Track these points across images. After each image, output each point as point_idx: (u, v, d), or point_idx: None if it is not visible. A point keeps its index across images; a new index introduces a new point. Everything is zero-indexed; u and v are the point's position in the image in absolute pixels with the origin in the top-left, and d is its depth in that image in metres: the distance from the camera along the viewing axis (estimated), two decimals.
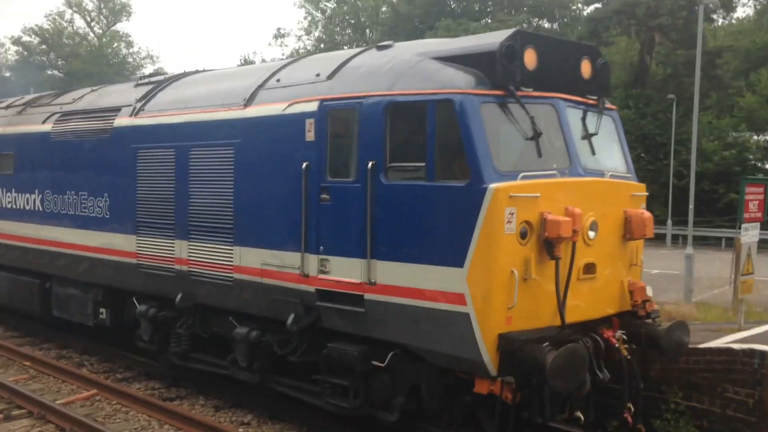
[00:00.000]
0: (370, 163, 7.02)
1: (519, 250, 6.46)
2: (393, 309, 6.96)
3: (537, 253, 6.58)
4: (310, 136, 7.58)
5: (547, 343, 6.33)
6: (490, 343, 6.37)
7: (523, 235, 6.47)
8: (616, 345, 7.10)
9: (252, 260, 8.21)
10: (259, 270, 8.12)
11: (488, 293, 6.36)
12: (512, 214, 6.38)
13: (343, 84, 7.55)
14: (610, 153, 7.68)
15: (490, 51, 6.68)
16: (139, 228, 9.76)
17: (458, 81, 6.70)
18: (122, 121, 10.22)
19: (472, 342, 6.41)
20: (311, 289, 7.59)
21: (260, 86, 8.52)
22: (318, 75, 7.89)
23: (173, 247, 9.28)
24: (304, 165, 7.55)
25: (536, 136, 6.73)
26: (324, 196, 7.43)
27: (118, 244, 10.07)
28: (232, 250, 8.47)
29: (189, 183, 9.07)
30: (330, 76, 7.75)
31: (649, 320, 7.42)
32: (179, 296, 9.17)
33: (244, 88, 8.69)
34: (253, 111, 8.34)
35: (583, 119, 7.36)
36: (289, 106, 7.87)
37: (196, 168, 9.00)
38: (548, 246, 6.53)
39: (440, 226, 6.67)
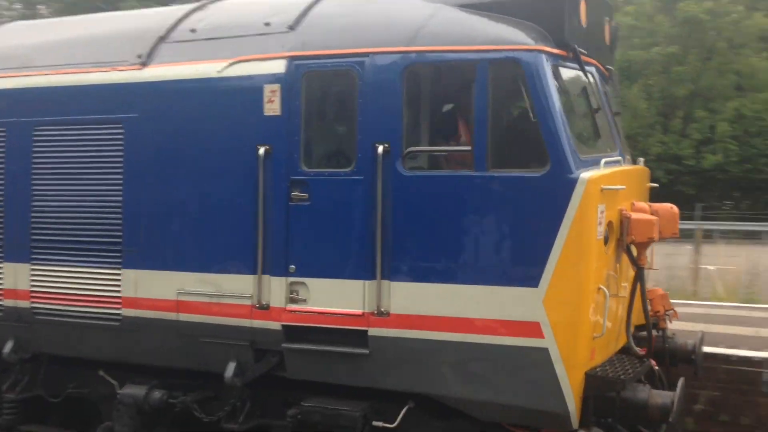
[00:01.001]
0: (380, 147, 4.98)
1: (605, 260, 4.94)
2: (418, 347, 5.00)
3: (614, 263, 5.12)
4: (271, 108, 5.32)
5: (646, 383, 4.92)
6: (576, 385, 4.75)
7: (605, 240, 4.96)
8: (656, 368, 5.91)
9: (160, 289, 5.68)
10: (173, 303, 5.61)
11: (577, 319, 4.72)
12: (602, 213, 4.83)
13: (323, 35, 5.38)
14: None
15: None
16: None
17: (519, 36, 4.94)
18: None
19: (553, 386, 4.72)
20: (274, 325, 5.31)
21: (162, 38, 5.95)
22: (268, 24, 5.60)
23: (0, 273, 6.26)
24: (262, 150, 5.29)
25: (597, 110, 5.29)
26: (297, 193, 5.24)
27: None
28: (119, 274, 5.81)
29: (32, 179, 6.18)
30: (294, 25, 5.50)
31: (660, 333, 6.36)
32: (9, 345, 6.23)
33: (135, 39, 6.04)
34: (159, 73, 5.76)
35: (606, 94, 6.05)
36: (231, 66, 5.49)
37: (45, 156, 6.15)
38: (631, 252, 5.11)
39: (501, 231, 4.86)
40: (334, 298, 5.19)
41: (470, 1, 5.26)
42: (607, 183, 4.83)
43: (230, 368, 5.43)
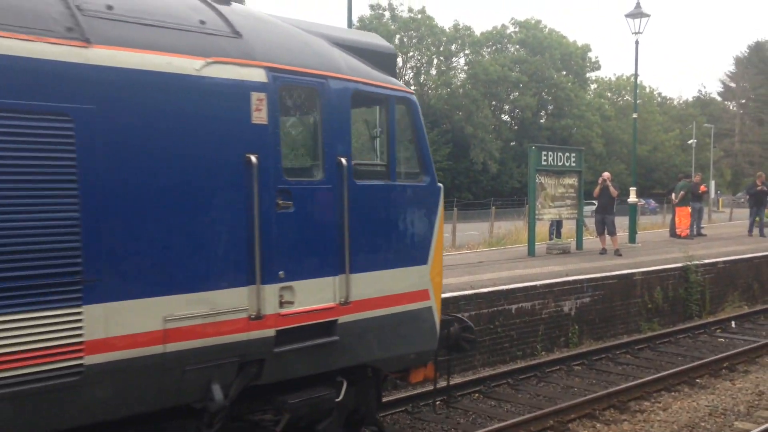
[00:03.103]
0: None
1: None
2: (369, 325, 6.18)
3: None
4: (259, 117, 5.27)
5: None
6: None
7: None
8: None
9: (137, 321, 4.67)
10: (159, 333, 4.76)
11: (440, 283, 7.00)
12: None
13: (253, 50, 5.42)
14: None
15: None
16: None
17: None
18: None
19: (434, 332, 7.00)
20: (268, 333, 5.34)
21: (80, 10, 4.66)
22: (203, 23, 5.24)
23: None
24: (254, 159, 5.21)
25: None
26: (282, 201, 5.45)
27: None
28: (78, 313, 4.42)
29: None
30: (236, 33, 5.39)
31: None
32: None
33: (43, 3, 4.52)
34: (116, 57, 4.61)
35: None
36: (209, 65, 5.05)
37: None
38: None
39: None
40: (313, 296, 5.62)
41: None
42: None
43: (216, 391, 5.07)
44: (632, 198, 21.32)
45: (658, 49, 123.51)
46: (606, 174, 18.35)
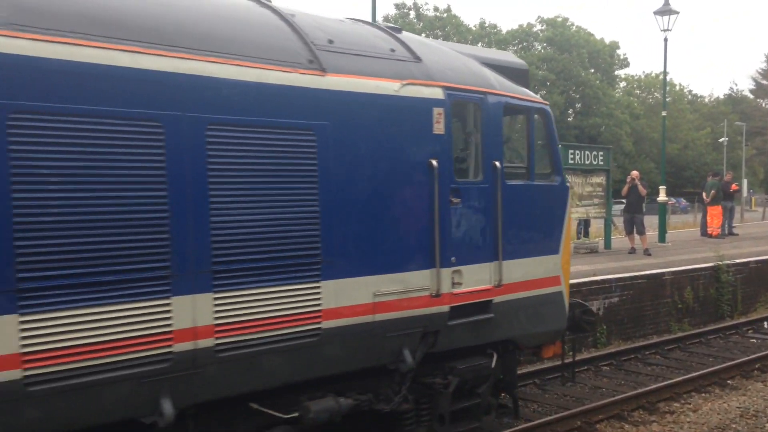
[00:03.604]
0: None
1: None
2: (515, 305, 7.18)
3: None
4: (438, 128, 6.26)
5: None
6: None
7: None
8: None
9: (356, 294, 5.74)
10: (371, 305, 5.83)
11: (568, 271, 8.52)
12: None
13: (431, 72, 6.45)
14: None
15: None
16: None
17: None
18: None
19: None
20: (444, 309, 6.38)
21: (306, 43, 5.67)
22: (393, 51, 6.32)
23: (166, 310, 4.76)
24: (435, 163, 6.17)
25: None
26: (454, 198, 6.43)
27: None
28: (318, 287, 5.49)
29: (208, 188, 4.88)
30: (416, 57, 6.43)
31: None
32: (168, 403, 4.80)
33: (282, 38, 5.56)
34: (341, 82, 5.64)
35: None
36: (405, 86, 6.10)
37: (223, 161, 4.97)
38: None
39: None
40: (475, 279, 6.60)
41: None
42: None
43: (407, 355, 6.13)
44: (662, 197, 21.09)
45: (688, 46, 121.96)
46: (634, 173, 18.19)
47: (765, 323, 14.23)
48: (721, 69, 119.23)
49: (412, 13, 60.85)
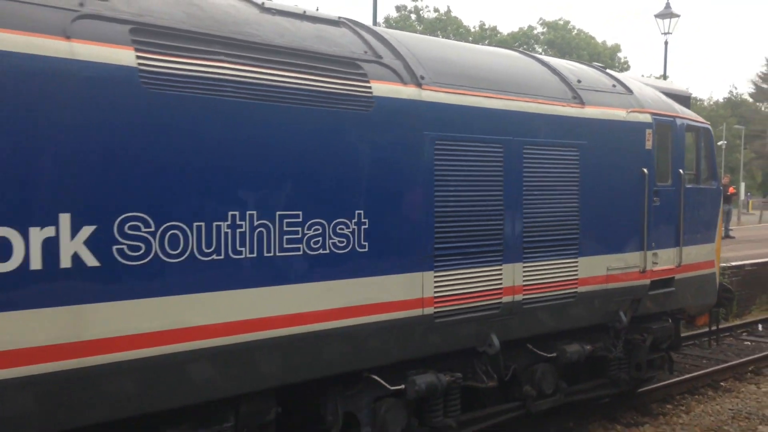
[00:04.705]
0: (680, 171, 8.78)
1: None
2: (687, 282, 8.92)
3: None
4: (648, 144, 8.19)
5: None
6: None
7: None
8: None
9: (597, 268, 7.64)
10: (604, 277, 7.74)
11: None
12: None
13: (641, 101, 8.37)
14: None
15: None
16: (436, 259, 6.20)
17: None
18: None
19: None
20: (646, 282, 8.21)
21: (568, 83, 7.69)
22: (614, 86, 8.26)
23: (500, 273, 6.69)
24: (646, 171, 8.08)
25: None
26: (655, 198, 8.28)
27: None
28: (576, 262, 7.40)
29: (523, 189, 6.85)
30: (629, 90, 8.37)
31: None
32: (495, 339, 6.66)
33: (553, 81, 7.62)
34: (593, 112, 7.66)
35: None
36: (629, 113, 8.06)
37: (532, 171, 6.98)
38: None
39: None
40: (665, 260, 8.45)
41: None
42: None
43: (623, 316, 8.01)
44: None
45: (687, 49, 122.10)
46: None
47: (759, 326, 14.33)
48: (721, 72, 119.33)
49: (413, 16, 60.76)
